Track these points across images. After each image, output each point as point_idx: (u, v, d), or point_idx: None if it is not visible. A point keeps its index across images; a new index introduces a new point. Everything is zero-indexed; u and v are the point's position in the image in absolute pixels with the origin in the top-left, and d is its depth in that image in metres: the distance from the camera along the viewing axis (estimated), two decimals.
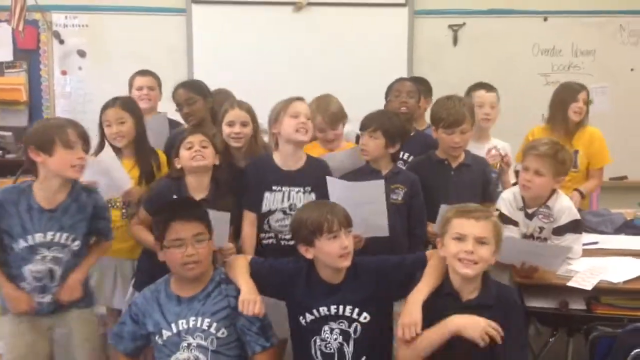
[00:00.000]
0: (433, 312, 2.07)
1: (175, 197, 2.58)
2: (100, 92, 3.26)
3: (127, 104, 2.93)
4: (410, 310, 2.05)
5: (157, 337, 2.21)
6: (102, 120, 2.88)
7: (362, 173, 2.73)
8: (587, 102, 3.55)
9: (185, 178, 2.62)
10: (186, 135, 2.64)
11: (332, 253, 2.11)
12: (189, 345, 2.17)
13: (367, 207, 2.45)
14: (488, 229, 2.04)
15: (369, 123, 2.74)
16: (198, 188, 2.61)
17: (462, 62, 4.68)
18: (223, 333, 2.18)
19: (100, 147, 2.87)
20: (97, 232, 2.52)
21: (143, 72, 3.62)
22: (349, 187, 2.50)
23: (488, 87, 3.38)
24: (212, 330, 2.17)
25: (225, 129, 2.84)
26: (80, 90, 4.70)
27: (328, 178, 2.55)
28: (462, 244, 2.02)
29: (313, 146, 3.07)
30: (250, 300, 2.12)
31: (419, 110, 3.48)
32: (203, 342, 2.17)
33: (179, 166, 2.63)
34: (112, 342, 2.32)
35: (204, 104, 3.26)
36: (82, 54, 4.70)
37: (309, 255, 2.17)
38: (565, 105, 3.51)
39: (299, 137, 2.63)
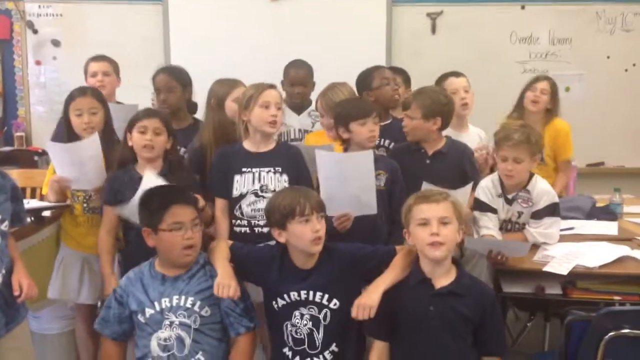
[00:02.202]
0: (406, 300, 2.10)
1: (127, 181, 2.57)
2: (76, 82, 3.21)
3: (98, 94, 2.85)
4: (369, 294, 2.09)
5: (139, 316, 2.22)
6: (71, 108, 2.76)
7: None
8: (550, 94, 3.54)
9: (137, 160, 2.62)
10: (141, 117, 2.60)
11: (304, 237, 2.13)
12: (172, 323, 2.18)
13: (356, 182, 2.46)
14: (448, 208, 2.08)
15: (370, 109, 2.70)
16: (149, 167, 2.60)
17: (441, 50, 4.68)
18: (207, 312, 2.20)
19: (68, 137, 2.76)
20: (16, 215, 2.28)
21: (97, 57, 3.49)
22: (338, 160, 2.51)
23: (456, 74, 3.41)
24: (196, 308, 2.19)
25: (233, 106, 2.85)
26: (55, 80, 4.64)
27: (317, 151, 2.53)
28: (428, 228, 2.05)
29: (320, 135, 3.07)
30: (225, 284, 2.13)
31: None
32: (186, 320, 2.18)
33: (130, 144, 2.61)
34: (97, 327, 2.32)
35: (182, 95, 3.23)
36: (56, 43, 4.64)
37: (281, 239, 2.18)
38: (523, 93, 3.57)
39: (268, 129, 2.61)
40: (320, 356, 2.19)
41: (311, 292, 2.18)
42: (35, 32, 4.63)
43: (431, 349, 2.08)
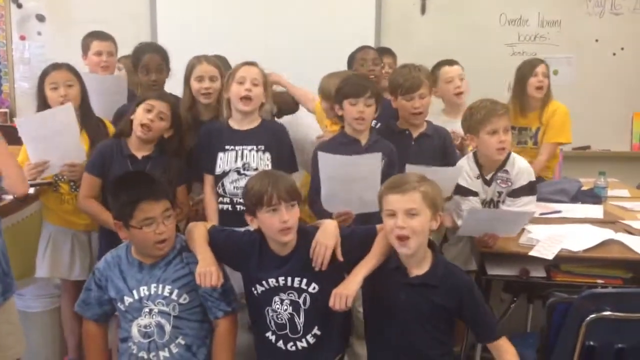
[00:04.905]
0: (381, 285, 2.10)
1: (116, 155, 2.58)
2: (61, 58, 3.14)
3: (73, 68, 2.81)
4: (347, 283, 2.06)
5: (118, 304, 2.21)
6: (46, 83, 2.73)
7: (340, 143, 2.64)
8: (548, 76, 3.52)
9: (131, 135, 2.61)
10: (152, 96, 2.61)
11: (272, 227, 2.08)
12: (151, 311, 2.17)
13: (361, 183, 2.40)
14: (415, 199, 2.01)
15: (363, 89, 2.59)
16: (141, 146, 2.61)
17: (430, 31, 4.65)
18: (185, 299, 2.18)
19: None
20: None
21: (101, 36, 3.41)
22: (344, 162, 2.43)
23: (450, 62, 3.38)
24: (174, 296, 2.17)
25: (194, 85, 2.84)
26: (40, 56, 4.56)
27: (320, 153, 2.49)
28: (394, 220, 2.02)
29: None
30: (207, 273, 2.09)
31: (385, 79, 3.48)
32: (165, 309, 2.17)
33: (132, 117, 2.59)
34: (78, 309, 2.30)
35: (166, 76, 3.23)
36: (41, 18, 4.56)
37: (254, 225, 2.15)
38: (525, 79, 3.51)
39: (241, 107, 2.61)
40: (303, 340, 2.18)
41: (289, 278, 2.14)
42: (19, 6, 4.55)
43: (400, 334, 2.08)
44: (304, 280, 2.15)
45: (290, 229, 2.10)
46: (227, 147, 2.63)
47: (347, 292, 2.04)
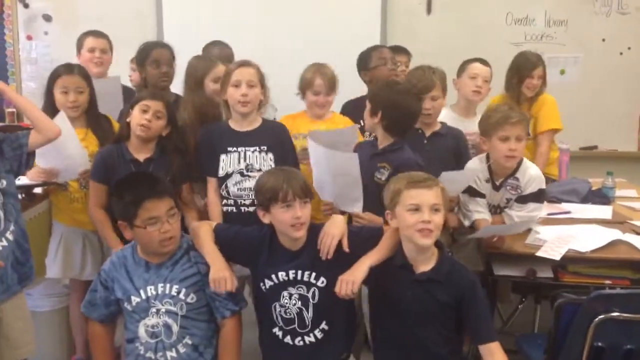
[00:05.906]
0: (387, 283, 2.11)
1: (118, 160, 2.58)
2: (68, 58, 3.17)
3: (85, 73, 2.83)
4: (353, 270, 2.08)
5: (125, 304, 2.21)
6: (57, 85, 2.74)
7: (362, 145, 2.68)
8: (543, 77, 3.53)
9: (130, 138, 2.62)
10: (146, 96, 2.61)
11: (285, 222, 2.11)
12: (158, 311, 2.17)
13: (342, 178, 2.43)
14: (439, 195, 2.06)
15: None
16: (142, 148, 2.62)
17: (436, 30, 4.64)
18: (192, 298, 2.19)
19: (51, 113, 2.67)
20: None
21: (96, 33, 3.44)
22: (326, 155, 2.47)
23: (483, 61, 3.37)
24: (181, 296, 2.17)
25: (210, 85, 2.90)
26: (47, 55, 4.58)
27: (309, 140, 2.53)
28: (419, 214, 2.02)
29: (300, 115, 3.04)
30: (221, 279, 2.11)
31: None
32: (172, 308, 2.17)
33: (128, 119, 2.60)
34: (84, 310, 2.30)
35: (174, 72, 3.23)
36: (47, 18, 4.58)
37: (265, 220, 2.17)
38: (521, 78, 3.50)
39: (240, 109, 2.61)
40: (311, 334, 2.19)
41: (299, 272, 2.16)
42: (26, 6, 4.56)
43: (407, 332, 2.09)
44: (313, 274, 2.16)
45: (303, 225, 2.13)
46: (229, 148, 2.63)
47: (353, 279, 2.05)
